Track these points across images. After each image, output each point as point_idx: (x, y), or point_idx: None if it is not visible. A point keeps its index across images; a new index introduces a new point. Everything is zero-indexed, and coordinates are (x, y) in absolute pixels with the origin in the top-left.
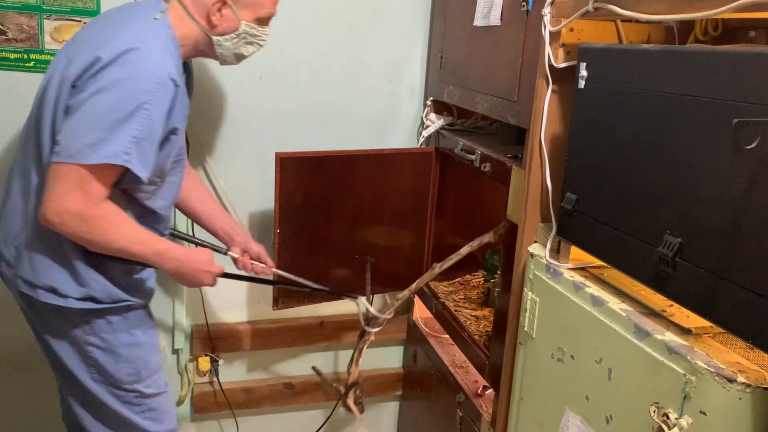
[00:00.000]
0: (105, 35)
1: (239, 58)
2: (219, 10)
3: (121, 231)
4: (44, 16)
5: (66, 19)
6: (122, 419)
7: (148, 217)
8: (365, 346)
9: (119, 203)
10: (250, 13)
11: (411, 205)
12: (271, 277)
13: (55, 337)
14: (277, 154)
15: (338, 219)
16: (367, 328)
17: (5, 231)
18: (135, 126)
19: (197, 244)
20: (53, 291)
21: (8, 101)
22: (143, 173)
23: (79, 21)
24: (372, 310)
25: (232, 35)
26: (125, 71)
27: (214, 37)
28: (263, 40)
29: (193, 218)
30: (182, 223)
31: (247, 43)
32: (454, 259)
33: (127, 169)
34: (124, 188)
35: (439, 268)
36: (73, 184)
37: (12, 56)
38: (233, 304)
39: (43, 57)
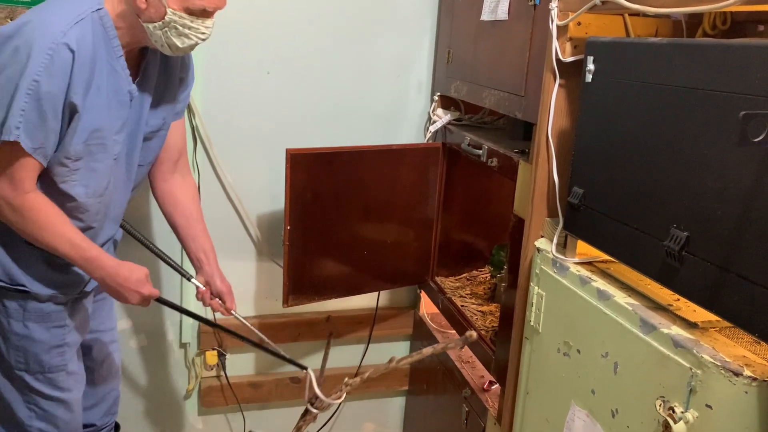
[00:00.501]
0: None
1: (175, 49)
2: None
3: (51, 227)
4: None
5: (14, 9)
6: (6, 404)
7: (68, 205)
8: (305, 426)
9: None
10: (178, 2)
11: (418, 201)
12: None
13: None
14: (287, 151)
15: (347, 215)
16: (309, 406)
17: None
18: (23, 99)
19: (159, 257)
20: None
21: None
22: (29, 148)
23: None
24: (318, 391)
25: (160, 23)
26: (17, 42)
27: (144, 24)
28: (202, 33)
29: (174, 231)
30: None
31: (180, 35)
32: (415, 357)
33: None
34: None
35: (396, 363)
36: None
37: None
38: (240, 298)
39: None
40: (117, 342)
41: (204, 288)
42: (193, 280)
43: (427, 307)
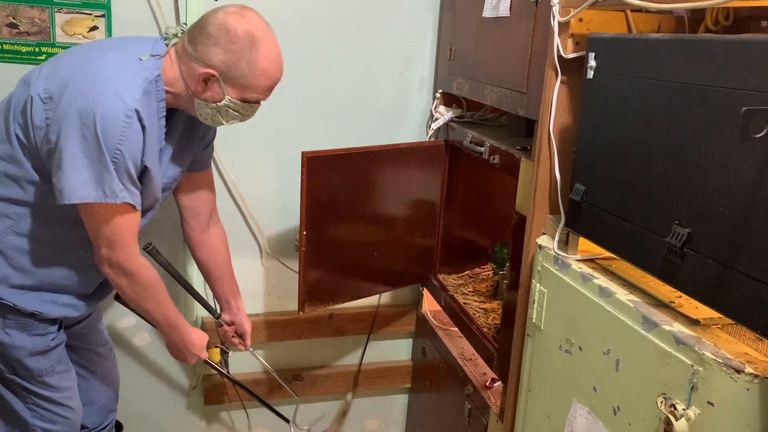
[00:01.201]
0: (76, 60)
1: (217, 124)
2: (205, 81)
3: (157, 295)
4: (55, 9)
5: (77, 12)
6: (8, 405)
7: None
8: None
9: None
10: (238, 93)
11: (422, 199)
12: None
13: None
14: (303, 154)
15: (358, 216)
16: None
17: None
18: (111, 165)
19: (191, 294)
20: None
21: None
22: (137, 204)
23: (90, 14)
24: None
25: (213, 105)
26: (91, 104)
27: (195, 99)
28: (247, 116)
29: (204, 273)
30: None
31: (228, 117)
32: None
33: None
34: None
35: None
36: (107, 235)
37: (24, 49)
38: (244, 297)
39: (54, 50)
40: (112, 352)
41: (230, 326)
42: (221, 319)
43: (429, 304)
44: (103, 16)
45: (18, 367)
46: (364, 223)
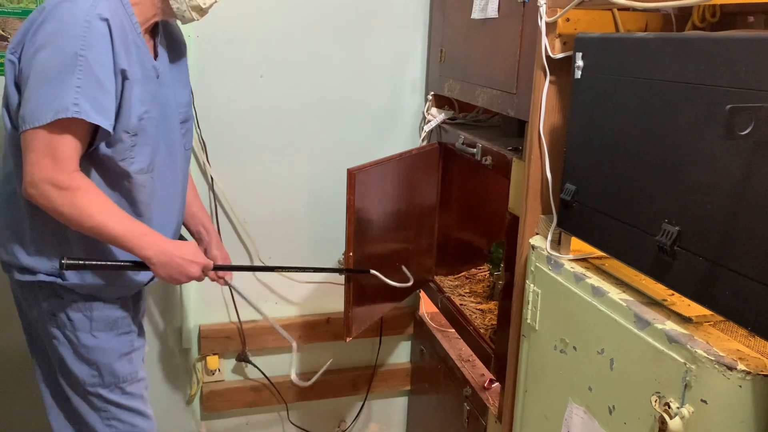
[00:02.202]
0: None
1: (198, 10)
2: None
3: (98, 205)
4: None
5: None
6: (83, 421)
7: (127, 185)
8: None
9: (95, 171)
10: None
11: (420, 202)
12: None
13: (36, 326)
14: (349, 171)
15: (381, 228)
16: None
17: None
18: (76, 75)
19: None
20: (26, 269)
21: None
22: (104, 122)
23: None
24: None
25: None
26: (54, 24)
27: None
28: (204, 1)
29: None
30: None
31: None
32: None
33: (91, 126)
34: (100, 155)
35: None
36: (41, 151)
37: None
38: (240, 302)
39: None
40: None
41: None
42: None
43: (426, 306)
44: None
45: (105, 373)
46: (384, 234)
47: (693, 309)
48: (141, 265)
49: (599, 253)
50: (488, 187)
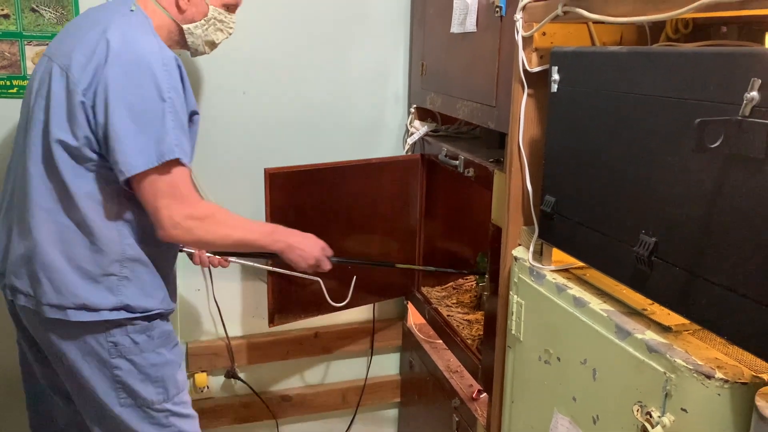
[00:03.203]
0: (94, 33)
1: (211, 45)
2: None
3: (231, 222)
4: (25, 42)
5: (46, 44)
6: None
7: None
8: None
9: (118, 201)
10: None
11: (400, 212)
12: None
13: (81, 363)
14: (266, 171)
15: (331, 230)
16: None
17: (15, 265)
18: (168, 117)
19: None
20: (84, 307)
21: None
22: (188, 161)
23: None
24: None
25: (202, 21)
26: (130, 68)
27: (185, 26)
28: (231, 27)
29: None
30: None
31: (217, 30)
32: None
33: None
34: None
35: None
36: (166, 193)
37: None
38: (226, 318)
39: (26, 83)
40: None
41: (198, 251)
42: (184, 249)
43: (414, 318)
44: None
45: (170, 386)
46: (337, 237)
47: (672, 318)
48: (273, 256)
49: (581, 263)
50: (474, 198)
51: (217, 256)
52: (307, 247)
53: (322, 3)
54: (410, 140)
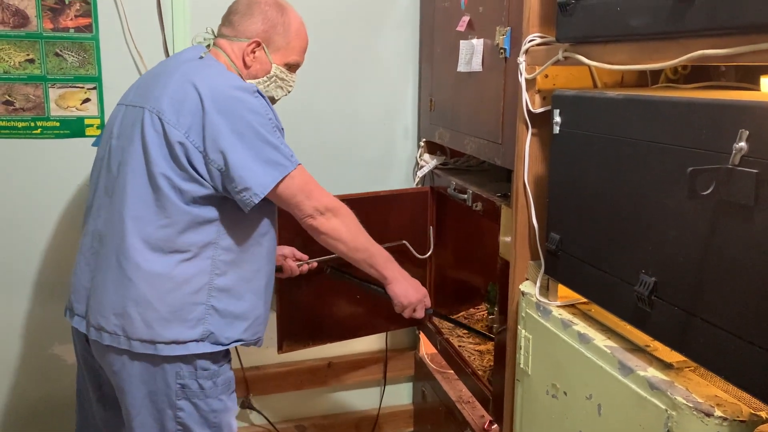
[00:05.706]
0: (175, 80)
1: (270, 101)
2: (253, 51)
3: (358, 224)
4: (49, 85)
5: (70, 87)
6: None
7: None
8: None
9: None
10: (280, 58)
11: (411, 243)
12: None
13: (144, 402)
14: None
15: None
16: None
17: (101, 304)
18: (275, 135)
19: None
20: (174, 342)
21: (17, 168)
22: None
23: (82, 87)
24: None
25: (264, 78)
26: (229, 103)
27: (248, 81)
28: (291, 85)
29: None
30: None
31: (278, 87)
32: None
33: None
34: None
35: None
36: (302, 191)
37: (20, 125)
38: (241, 349)
39: (49, 123)
40: None
41: (285, 262)
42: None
43: (426, 347)
44: (94, 88)
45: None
46: (350, 267)
47: (674, 355)
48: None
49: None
50: (482, 228)
51: (306, 264)
52: (412, 288)
53: (337, 45)
54: (420, 173)
